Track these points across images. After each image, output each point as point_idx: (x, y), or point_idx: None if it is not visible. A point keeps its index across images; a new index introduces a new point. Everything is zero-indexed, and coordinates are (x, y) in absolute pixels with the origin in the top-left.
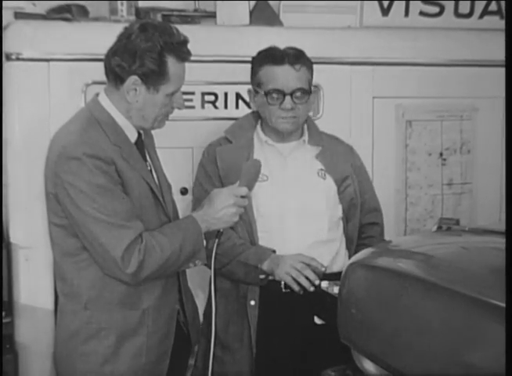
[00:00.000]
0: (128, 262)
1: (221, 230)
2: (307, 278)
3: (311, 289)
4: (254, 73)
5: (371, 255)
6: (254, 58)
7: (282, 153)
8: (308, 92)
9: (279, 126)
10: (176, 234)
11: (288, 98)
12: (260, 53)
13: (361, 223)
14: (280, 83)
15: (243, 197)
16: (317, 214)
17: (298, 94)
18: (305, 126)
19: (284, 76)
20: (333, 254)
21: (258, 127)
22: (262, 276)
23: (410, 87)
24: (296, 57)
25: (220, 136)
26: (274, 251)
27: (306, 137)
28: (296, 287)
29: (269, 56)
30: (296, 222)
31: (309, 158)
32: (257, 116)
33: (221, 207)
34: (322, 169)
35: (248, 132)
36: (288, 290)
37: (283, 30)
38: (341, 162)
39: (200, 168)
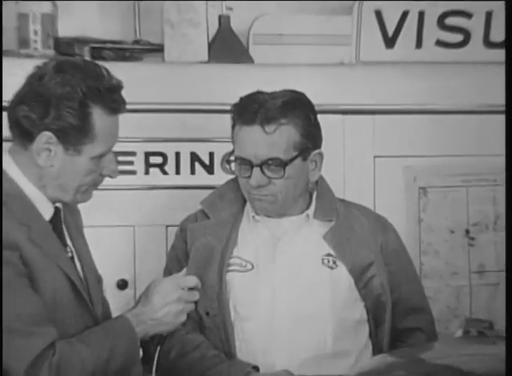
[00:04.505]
0: None
1: (165, 335)
2: None
3: None
4: (232, 127)
5: (378, 367)
6: (232, 106)
7: (274, 233)
8: (285, 163)
9: (253, 205)
10: (102, 342)
11: (256, 171)
12: (240, 100)
13: (396, 328)
14: (246, 150)
15: (191, 289)
16: (317, 318)
17: (272, 166)
18: (314, 194)
19: (251, 141)
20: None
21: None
22: None
23: (423, 142)
24: (274, 113)
25: (198, 209)
26: (255, 368)
27: (312, 210)
28: None
29: (241, 109)
30: (287, 328)
31: (313, 239)
32: None
33: (162, 305)
34: (330, 254)
35: (232, 204)
36: None
37: (253, 68)
38: (362, 243)
39: (170, 252)
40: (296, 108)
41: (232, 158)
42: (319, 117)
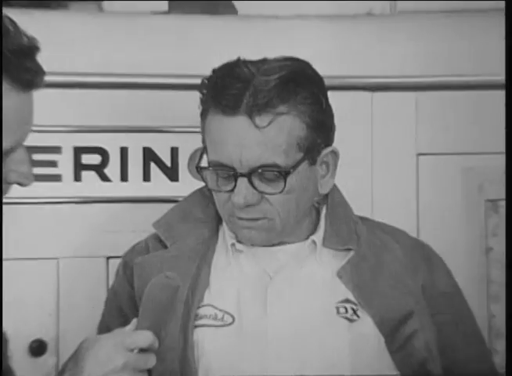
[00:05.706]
0: None
1: None
2: None
3: None
4: (201, 116)
5: None
6: (202, 82)
7: (265, 268)
8: (285, 172)
9: (238, 233)
10: None
11: (243, 183)
12: (213, 73)
13: None
14: (227, 153)
15: (143, 350)
16: None
17: (266, 176)
18: (323, 212)
19: (234, 139)
20: None
21: None
22: None
23: (491, 132)
24: (267, 97)
25: (150, 234)
26: None
27: (320, 235)
28: None
29: (216, 89)
30: None
31: (323, 278)
32: None
33: (100, 375)
34: (348, 300)
35: (202, 226)
36: None
37: (236, 22)
38: (396, 283)
39: (108, 297)
40: (299, 87)
41: (204, 164)
42: (336, 95)
